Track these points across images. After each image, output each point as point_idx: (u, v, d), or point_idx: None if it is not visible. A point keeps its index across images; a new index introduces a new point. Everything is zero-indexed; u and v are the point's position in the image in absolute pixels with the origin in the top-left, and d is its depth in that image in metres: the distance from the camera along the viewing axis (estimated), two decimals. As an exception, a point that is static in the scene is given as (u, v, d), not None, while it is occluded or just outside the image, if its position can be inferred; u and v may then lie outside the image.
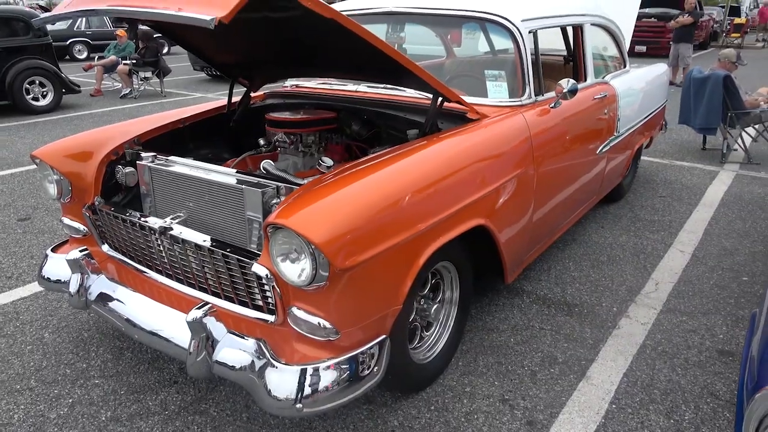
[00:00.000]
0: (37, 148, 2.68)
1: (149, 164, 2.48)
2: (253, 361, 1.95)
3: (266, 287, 1.98)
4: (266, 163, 2.55)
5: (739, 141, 5.99)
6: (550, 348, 2.75)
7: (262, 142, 2.93)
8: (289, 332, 2.01)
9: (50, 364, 2.64)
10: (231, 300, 2.15)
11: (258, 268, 1.93)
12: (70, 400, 2.40)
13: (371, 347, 1.96)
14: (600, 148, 3.64)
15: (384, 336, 2.02)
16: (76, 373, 2.58)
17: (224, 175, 2.26)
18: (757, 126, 5.99)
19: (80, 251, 2.53)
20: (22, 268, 3.61)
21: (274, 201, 2.12)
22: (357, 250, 1.80)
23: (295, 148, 2.82)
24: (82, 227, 2.68)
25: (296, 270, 1.81)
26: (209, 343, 2.03)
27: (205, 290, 2.22)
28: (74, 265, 2.49)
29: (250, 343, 1.99)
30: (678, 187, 5.19)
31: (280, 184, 2.15)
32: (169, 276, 2.34)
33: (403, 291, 2.03)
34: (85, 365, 2.63)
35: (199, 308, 2.03)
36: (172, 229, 2.21)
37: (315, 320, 1.88)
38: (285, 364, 1.90)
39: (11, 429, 2.24)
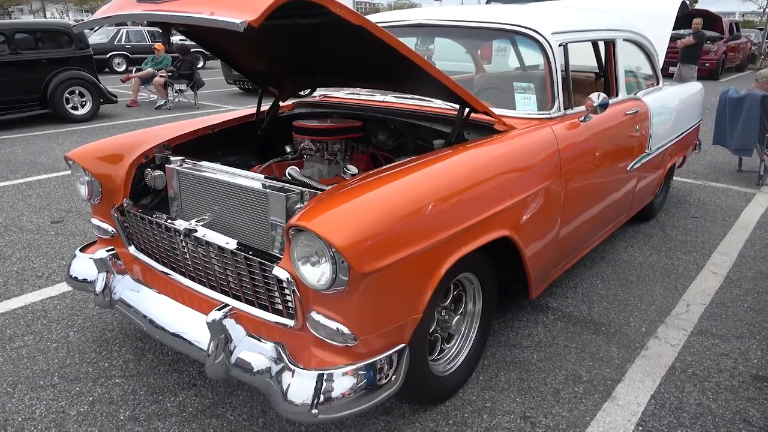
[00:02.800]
0: (71, 152, 2.75)
1: (177, 168, 2.52)
2: (270, 364, 1.94)
3: (286, 291, 1.97)
4: (291, 170, 2.57)
5: (778, 163, 5.82)
6: (574, 366, 2.67)
7: (288, 149, 2.95)
8: (307, 337, 1.99)
9: (73, 362, 2.68)
10: (251, 303, 2.15)
11: (279, 272, 1.93)
12: (91, 398, 2.42)
13: (389, 355, 1.93)
14: (630, 165, 3.57)
15: (403, 345, 1.99)
16: (98, 371, 2.60)
17: (249, 179, 2.28)
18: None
19: (107, 251, 2.58)
20: (52, 269, 3.69)
21: (298, 206, 2.13)
22: (378, 256, 1.79)
23: (321, 155, 2.83)
24: (110, 228, 2.73)
25: (316, 273, 1.80)
26: (228, 345, 2.03)
27: (226, 293, 2.23)
28: (101, 264, 2.53)
29: (269, 347, 1.98)
30: (712, 208, 5.05)
31: (304, 189, 2.15)
32: (191, 278, 2.36)
33: (423, 300, 2.00)
34: (107, 364, 2.66)
35: (219, 310, 2.03)
36: (196, 231, 2.23)
37: (334, 325, 1.86)
38: (302, 368, 1.88)
39: (33, 424, 2.27)
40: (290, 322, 2.03)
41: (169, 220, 2.34)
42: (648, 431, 2.26)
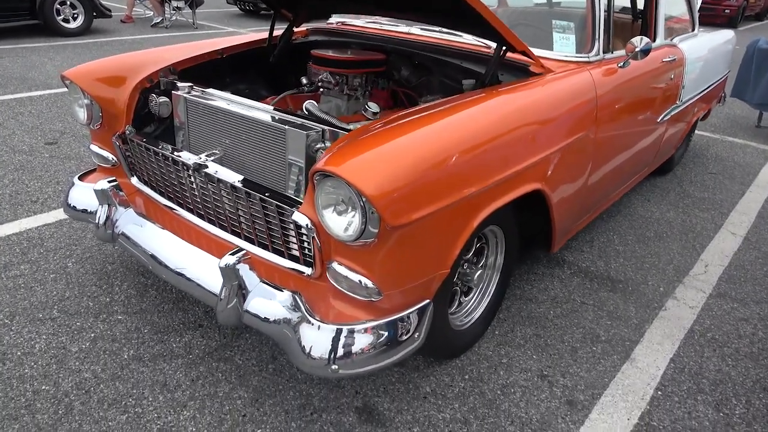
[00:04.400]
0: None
1: (185, 95, 2.31)
2: (287, 314, 1.83)
3: (305, 238, 1.84)
4: (309, 104, 2.38)
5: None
6: (592, 324, 2.60)
7: (304, 80, 2.73)
8: (326, 287, 1.88)
9: (73, 295, 2.56)
10: (265, 248, 2.02)
11: (299, 217, 1.78)
12: (92, 335, 2.32)
13: (414, 311, 1.83)
14: (661, 116, 3.38)
15: (428, 301, 1.88)
16: (99, 306, 2.50)
17: (266, 113, 2.09)
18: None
19: (108, 182, 2.40)
20: (47, 194, 3.52)
21: (319, 146, 1.96)
22: (411, 207, 1.64)
23: (340, 89, 2.62)
24: (110, 156, 2.55)
25: (343, 223, 1.66)
26: (241, 291, 1.91)
27: (237, 234, 2.10)
28: (102, 196, 2.37)
29: (285, 296, 1.86)
30: (730, 164, 4.90)
31: (324, 127, 1.97)
32: (200, 216, 2.22)
33: (453, 254, 1.88)
34: (108, 299, 2.55)
35: (233, 254, 1.89)
36: (207, 166, 2.06)
37: (356, 278, 1.74)
38: (321, 321, 1.77)
39: (32, 359, 2.18)
40: (307, 270, 1.91)
41: (176, 153, 2.17)
42: (668, 396, 2.21)
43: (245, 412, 2.01)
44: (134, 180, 2.54)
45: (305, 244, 1.88)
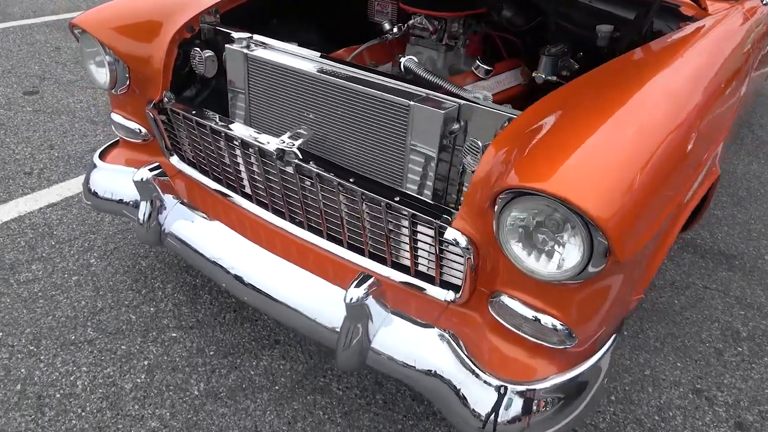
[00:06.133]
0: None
1: (245, 51, 1.73)
2: (440, 362, 1.38)
3: (450, 257, 1.38)
4: (409, 62, 1.83)
5: None
6: (725, 316, 2.25)
7: (387, 26, 2.13)
8: (475, 318, 1.44)
9: (107, 306, 2.06)
10: (382, 262, 1.55)
11: (454, 235, 1.30)
12: (146, 362, 1.85)
13: (607, 353, 1.40)
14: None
15: (615, 336, 1.45)
16: (145, 320, 2.01)
17: (373, 79, 1.54)
18: None
19: (151, 169, 1.84)
20: (42, 162, 2.89)
21: (454, 127, 1.45)
22: (639, 233, 1.17)
23: (438, 38, 2.04)
24: (141, 129, 1.98)
25: (546, 260, 1.19)
26: (367, 327, 1.45)
27: (339, 242, 1.61)
28: (144, 188, 1.81)
29: (434, 336, 1.41)
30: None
31: (460, 101, 1.45)
32: (284, 216, 1.71)
33: (651, 276, 1.44)
34: (153, 309, 2.06)
35: (359, 284, 1.41)
36: (296, 156, 1.53)
37: (545, 319, 1.29)
38: (496, 377, 1.32)
39: (77, 403, 1.71)
40: (448, 295, 1.46)
41: (246, 133, 1.61)
42: (841, 410, 1.90)
43: (366, 466, 1.61)
44: (174, 160, 1.98)
45: (453, 265, 1.42)
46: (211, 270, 1.72)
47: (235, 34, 1.81)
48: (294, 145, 1.55)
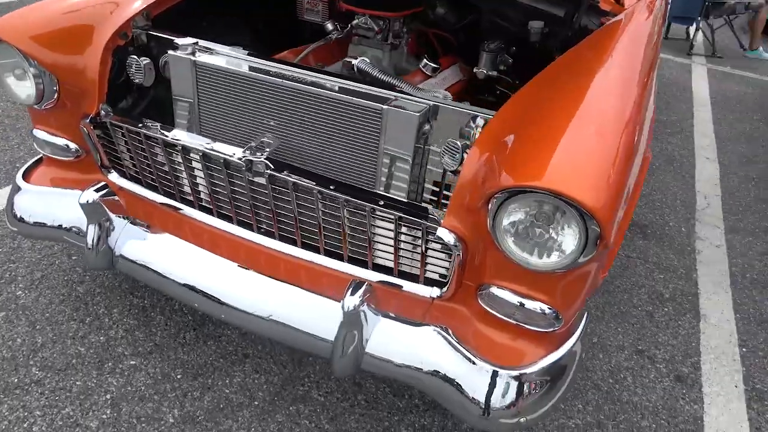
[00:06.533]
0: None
1: (193, 57, 1.64)
2: (437, 358, 1.43)
3: (438, 255, 1.43)
4: (362, 63, 1.84)
5: (708, 33, 5.91)
6: (648, 281, 2.50)
7: (330, 27, 2.10)
8: (462, 312, 1.50)
9: (49, 340, 1.88)
10: (362, 265, 1.56)
11: (445, 234, 1.34)
12: (108, 396, 1.72)
13: (581, 330, 1.52)
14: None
15: (586, 314, 1.58)
16: (97, 351, 1.86)
17: (340, 85, 1.52)
18: (722, 18, 5.92)
19: (97, 190, 1.69)
20: (-70, 186, 2.55)
21: (426, 128, 1.49)
22: (619, 220, 1.28)
23: (384, 38, 2.05)
24: (72, 146, 1.82)
25: (540, 250, 1.27)
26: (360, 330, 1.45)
27: (315, 249, 1.59)
28: (92, 211, 1.67)
29: (428, 333, 1.45)
30: (664, 82, 5.03)
31: (430, 102, 1.48)
32: (247, 227, 1.65)
33: (612, 256, 1.58)
34: (103, 338, 1.91)
35: (354, 291, 1.41)
36: (268, 165, 1.49)
37: (533, 305, 1.38)
38: (493, 364, 1.39)
39: (38, 451, 1.56)
40: (433, 291, 1.50)
41: (214, 147, 1.54)
42: (752, 352, 2.19)
43: (362, 468, 1.63)
44: (114, 176, 1.84)
45: (436, 262, 1.47)
46: (178, 291, 1.63)
47: (178, 40, 1.71)
48: (262, 154, 1.50)
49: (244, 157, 1.49)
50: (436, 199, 1.52)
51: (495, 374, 1.38)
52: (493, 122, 1.39)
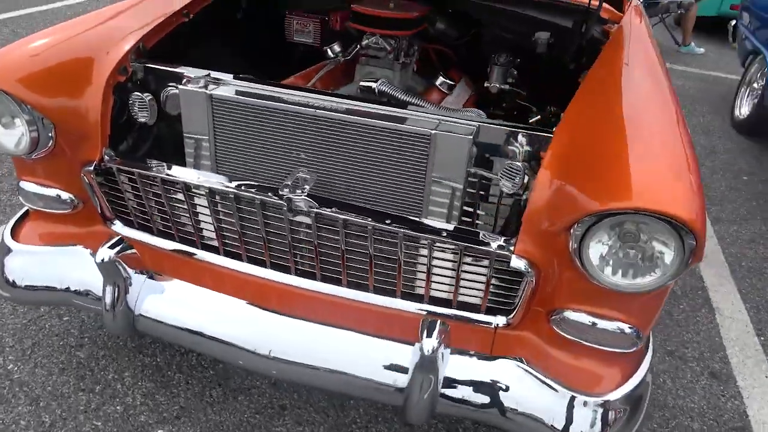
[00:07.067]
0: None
1: (207, 91, 1.49)
2: (517, 391, 1.35)
3: (506, 284, 1.36)
4: (384, 85, 1.75)
5: (645, 32, 6.18)
6: (658, 279, 2.53)
7: (337, 48, 1.99)
8: (531, 338, 1.44)
9: (58, 418, 1.66)
10: (415, 299, 1.47)
11: (519, 264, 1.27)
12: (140, 474, 1.54)
13: (652, 349, 1.48)
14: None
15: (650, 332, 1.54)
16: (116, 423, 1.66)
17: (377, 111, 1.42)
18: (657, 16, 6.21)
19: (111, 246, 1.50)
20: None
21: (474, 150, 1.42)
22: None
23: (395, 57, 1.95)
24: (67, 196, 1.62)
25: (633, 271, 1.21)
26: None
27: (364, 287, 1.48)
28: (110, 271, 1.48)
29: (505, 365, 1.37)
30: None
31: (475, 123, 1.41)
32: (283, 270, 1.52)
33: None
34: (120, 407, 1.71)
35: (430, 333, 1.31)
36: (311, 203, 1.37)
37: (613, 326, 1.33)
38: (573, 390, 1.33)
39: None
40: (498, 320, 1.43)
41: (248, 189, 1.40)
42: (770, 340, 2.25)
43: None
44: (118, 227, 1.65)
45: (503, 291, 1.39)
46: (217, 349, 1.48)
47: (188, 72, 1.57)
48: (302, 191, 1.38)
49: (284, 195, 1.36)
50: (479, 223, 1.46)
51: (584, 403, 1.32)
52: (555, 143, 1.33)
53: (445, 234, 1.33)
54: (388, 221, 1.35)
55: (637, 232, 1.20)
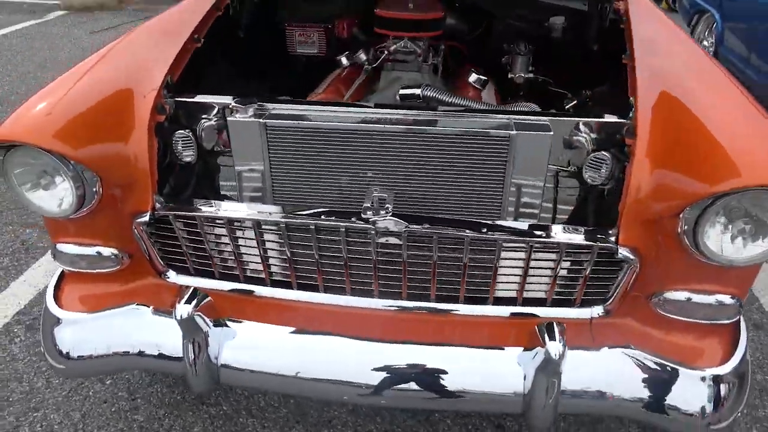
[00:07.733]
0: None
1: (261, 120, 1.40)
2: (633, 377, 1.36)
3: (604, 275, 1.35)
4: (428, 90, 1.70)
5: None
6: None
7: (363, 56, 1.91)
8: (629, 324, 1.44)
9: (137, 490, 1.54)
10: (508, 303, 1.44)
11: (628, 254, 1.27)
12: None
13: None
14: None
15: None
16: (203, 485, 1.55)
17: (451, 118, 1.38)
18: None
19: (187, 301, 1.38)
20: None
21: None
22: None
23: (424, 59, 1.88)
24: (111, 252, 1.49)
25: (744, 242, 1.24)
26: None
27: (454, 300, 1.44)
28: (190, 327, 1.37)
29: (615, 354, 1.37)
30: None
31: (546, 119, 1.39)
32: (368, 295, 1.45)
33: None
34: (200, 466, 1.60)
35: (552, 336, 1.28)
36: (401, 223, 1.31)
37: (714, 299, 1.35)
38: (689, 367, 1.35)
39: None
40: (594, 311, 1.43)
41: (334, 217, 1.33)
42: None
43: None
44: (173, 276, 1.53)
45: (599, 282, 1.39)
46: (319, 389, 1.40)
47: (234, 102, 1.46)
48: (387, 212, 1.32)
49: (368, 218, 1.30)
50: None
51: (703, 379, 1.34)
52: (642, 129, 1.32)
53: (544, 235, 1.31)
54: (484, 230, 1.31)
55: (742, 207, 1.22)
